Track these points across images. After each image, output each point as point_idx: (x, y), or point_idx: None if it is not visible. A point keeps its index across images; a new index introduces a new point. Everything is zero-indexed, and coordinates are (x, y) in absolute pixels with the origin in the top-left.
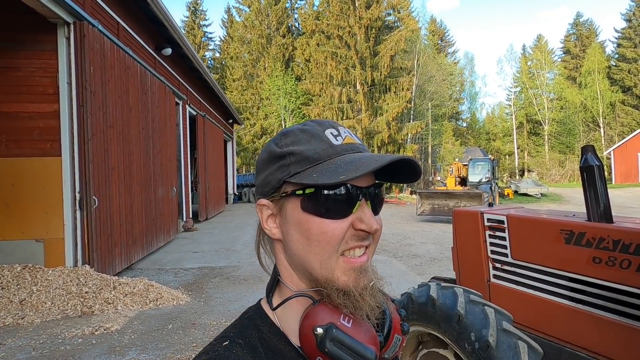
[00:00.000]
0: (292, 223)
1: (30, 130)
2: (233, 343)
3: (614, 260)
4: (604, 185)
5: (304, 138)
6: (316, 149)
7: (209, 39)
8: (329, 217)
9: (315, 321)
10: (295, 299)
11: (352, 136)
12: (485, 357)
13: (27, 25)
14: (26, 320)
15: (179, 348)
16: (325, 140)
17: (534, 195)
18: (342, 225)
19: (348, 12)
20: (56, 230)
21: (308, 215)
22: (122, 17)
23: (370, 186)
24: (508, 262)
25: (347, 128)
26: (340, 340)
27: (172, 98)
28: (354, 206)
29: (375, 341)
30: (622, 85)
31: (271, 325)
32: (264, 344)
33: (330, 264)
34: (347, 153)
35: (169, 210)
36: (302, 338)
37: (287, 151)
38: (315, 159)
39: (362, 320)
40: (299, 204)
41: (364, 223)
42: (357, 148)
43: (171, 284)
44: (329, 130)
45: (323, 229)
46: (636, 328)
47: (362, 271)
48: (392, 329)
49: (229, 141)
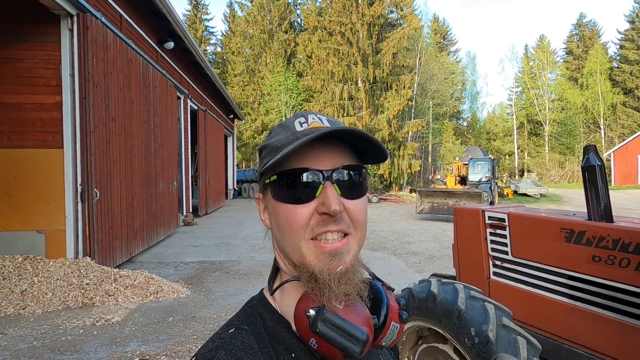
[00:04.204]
0: (270, 212)
1: (33, 121)
2: (239, 330)
3: (614, 258)
4: (605, 185)
5: (278, 131)
6: (281, 138)
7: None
8: (293, 202)
9: (309, 303)
10: (291, 284)
11: (322, 121)
12: (484, 351)
13: (30, 17)
14: (27, 311)
15: (179, 340)
16: (291, 129)
17: (533, 196)
18: (304, 211)
19: (351, 9)
20: (57, 222)
21: (276, 202)
22: (125, 10)
23: (337, 169)
24: (508, 260)
25: (324, 115)
26: (331, 321)
27: (173, 92)
28: (317, 190)
29: (369, 323)
30: (624, 87)
31: (274, 312)
32: (268, 331)
33: (299, 248)
34: (304, 137)
35: (169, 205)
36: (296, 320)
37: (263, 145)
38: (279, 147)
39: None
40: (270, 193)
41: (325, 206)
42: (319, 131)
43: (171, 277)
44: (298, 119)
45: (287, 214)
46: (634, 326)
47: (334, 255)
48: (388, 316)
49: (230, 136)
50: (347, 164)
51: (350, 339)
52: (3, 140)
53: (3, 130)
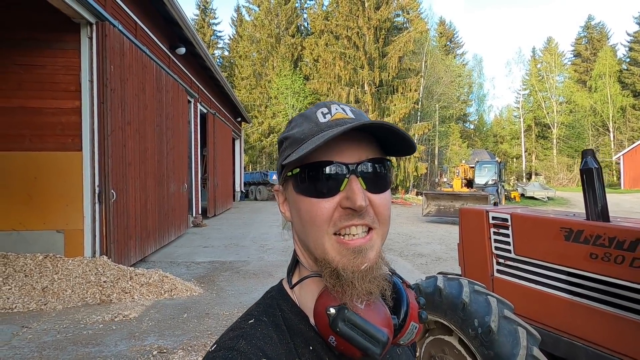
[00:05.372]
0: (292, 204)
1: (53, 125)
2: (258, 321)
3: (609, 256)
4: (602, 187)
5: (299, 122)
6: (304, 130)
7: (218, 37)
8: (316, 196)
9: (329, 301)
10: (311, 278)
11: (346, 112)
12: (487, 341)
13: (52, 25)
14: (49, 307)
15: (194, 335)
16: (314, 120)
17: (541, 199)
18: (328, 205)
19: (357, 13)
20: (76, 222)
21: (299, 195)
22: (140, 17)
23: (362, 162)
24: (511, 258)
25: (348, 105)
26: (352, 321)
27: (184, 96)
28: (342, 184)
29: (389, 323)
30: (634, 90)
31: (292, 305)
32: (287, 323)
33: (322, 244)
34: (329, 129)
35: (180, 206)
36: (316, 317)
37: (285, 137)
38: (301, 139)
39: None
40: (292, 186)
41: (349, 201)
42: (344, 122)
43: (184, 276)
44: (321, 109)
45: (310, 208)
46: (629, 319)
47: (358, 252)
48: (408, 316)
49: (237, 139)
50: (372, 157)
51: (370, 339)
52: (25, 143)
53: (25, 133)
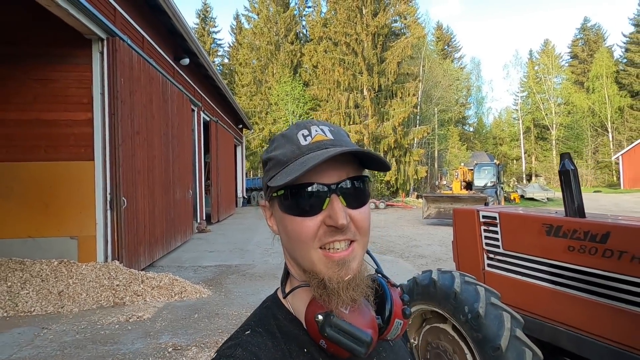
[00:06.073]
0: (278, 222)
1: (67, 136)
2: (254, 332)
3: (585, 248)
4: (578, 187)
5: (281, 143)
6: (286, 152)
7: (218, 45)
8: (301, 214)
9: (317, 309)
10: (302, 287)
11: (325, 133)
12: (476, 325)
13: (64, 41)
14: (65, 309)
15: (206, 334)
16: (295, 142)
17: (540, 200)
18: (312, 223)
19: (355, 20)
20: (89, 229)
21: (284, 214)
22: (146, 31)
23: (342, 181)
24: (500, 253)
25: (327, 124)
26: (337, 326)
27: (188, 105)
28: (324, 203)
29: (373, 325)
30: (631, 90)
31: (287, 313)
32: (281, 330)
33: (309, 257)
34: (311, 152)
35: (185, 212)
36: (306, 324)
37: (268, 157)
38: (284, 161)
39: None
40: (277, 205)
41: (332, 219)
42: (324, 145)
43: (192, 279)
44: (302, 131)
45: (295, 227)
46: (603, 304)
47: (342, 264)
48: (392, 314)
49: (239, 145)
50: (352, 175)
51: (355, 341)
52: (40, 154)
53: (40, 144)
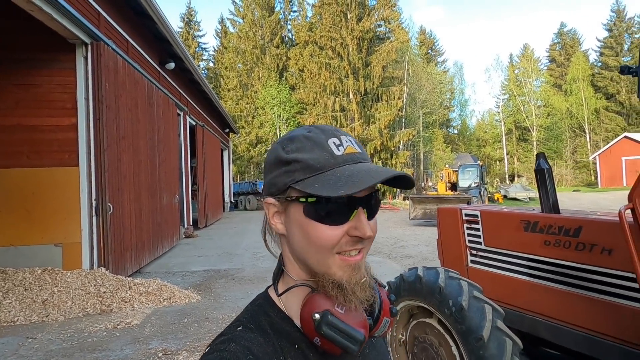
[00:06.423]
0: (295, 224)
1: (50, 142)
2: (246, 327)
3: (559, 242)
4: (552, 185)
5: (308, 146)
6: (319, 158)
7: (203, 49)
8: (327, 223)
9: (314, 307)
10: (297, 287)
11: (353, 145)
12: (460, 317)
13: (48, 46)
14: (50, 318)
15: (196, 338)
16: (328, 150)
17: (523, 200)
18: (338, 232)
19: (340, 24)
20: (74, 235)
21: (309, 220)
22: (131, 35)
23: (369, 195)
24: (482, 249)
25: (349, 135)
26: (334, 324)
27: (174, 110)
28: (351, 214)
29: (365, 324)
30: (606, 92)
31: (278, 310)
32: (273, 327)
33: (326, 262)
34: (347, 164)
35: (172, 217)
36: (302, 322)
37: (293, 158)
38: (318, 168)
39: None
40: (301, 209)
41: (358, 230)
42: (357, 158)
43: (180, 285)
44: (332, 139)
45: (321, 234)
46: (577, 294)
47: (356, 268)
48: (381, 312)
49: (226, 150)
50: (374, 190)
51: (349, 339)
52: (23, 160)
53: (23, 150)
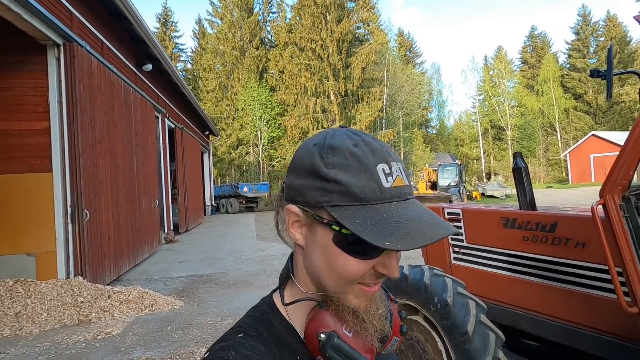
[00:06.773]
0: (319, 245)
1: (21, 147)
2: (247, 335)
3: (537, 237)
4: (529, 183)
5: (353, 166)
6: (364, 187)
7: (181, 50)
8: (355, 256)
9: (321, 326)
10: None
11: (402, 176)
12: (445, 313)
13: (17, 47)
14: (24, 331)
15: (181, 345)
16: (375, 179)
17: (499, 197)
18: (365, 267)
19: (320, 26)
20: (48, 244)
21: (337, 248)
22: (106, 36)
23: None
24: (464, 246)
25: (398, 159)
26: (339, 348)
27: (152, 112)
28: (382, 252)
29: (372, 350)
30: (574, 93)
31: (282, 319)
32: (275, 336)
33: (343, 289)
34: (394, 200)
35: (152, 223)
36: (306, 337)
37: (333, 177)
38: (361, 198)
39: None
40: (331, 236)
41: (386, 269)
42: (404, 194)
43: (162, 291)
44: (382, 165)
45: (347, 265)
46: (554, 287)
47: (372, 299)
48: (391, 331)
49: (206, 152)
50: None
51: None
52: None
53: None
